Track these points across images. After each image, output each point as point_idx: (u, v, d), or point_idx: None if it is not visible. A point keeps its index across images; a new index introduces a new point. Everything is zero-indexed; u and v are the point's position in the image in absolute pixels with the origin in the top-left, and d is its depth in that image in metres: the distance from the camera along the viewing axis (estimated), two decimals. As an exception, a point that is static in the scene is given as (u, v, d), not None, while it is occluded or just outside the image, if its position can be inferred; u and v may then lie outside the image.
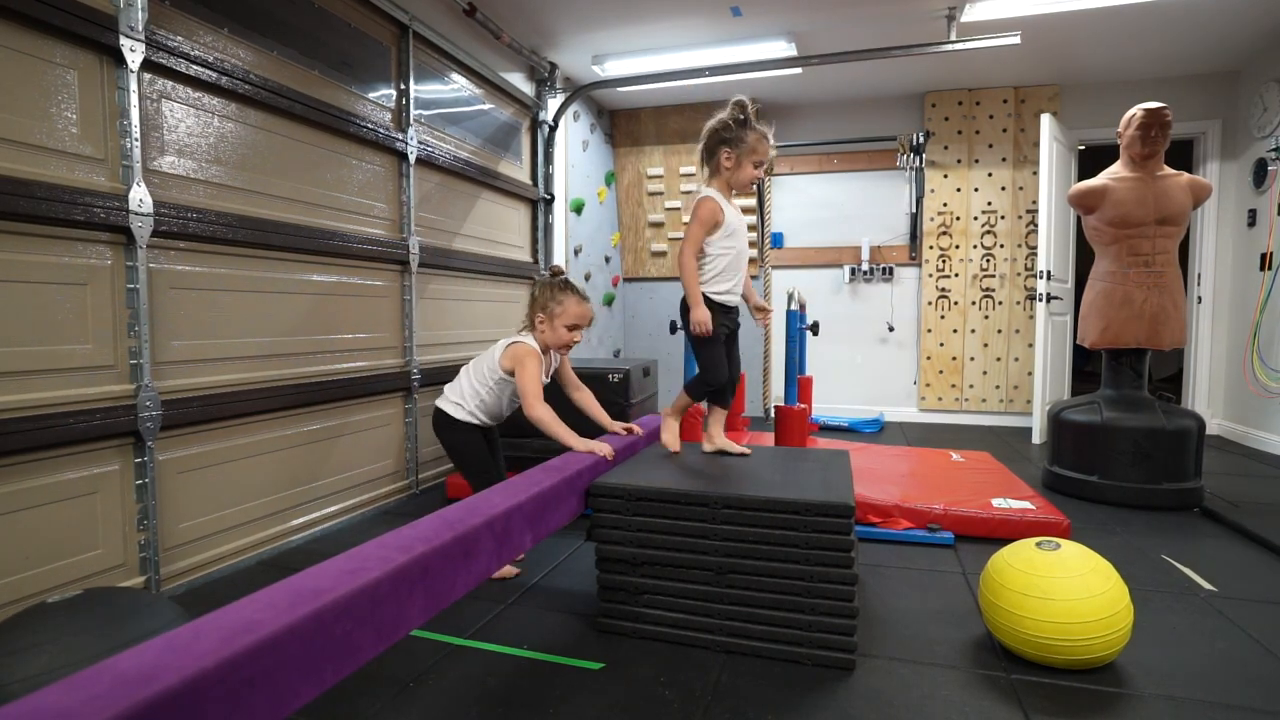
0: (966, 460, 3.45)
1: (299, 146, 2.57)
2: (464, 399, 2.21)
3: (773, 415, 3.09)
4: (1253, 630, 1.81)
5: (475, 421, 2.22)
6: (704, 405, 2.22)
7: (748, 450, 2.13)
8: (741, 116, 2.07)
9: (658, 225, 5.54)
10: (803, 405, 2.89)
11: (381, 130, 2.93)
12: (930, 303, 5.16)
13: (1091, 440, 3.02)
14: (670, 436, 2.15)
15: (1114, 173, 3.08)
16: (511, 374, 2.15)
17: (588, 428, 2.18)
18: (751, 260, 5.38)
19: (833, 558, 1.58)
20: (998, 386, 5.09)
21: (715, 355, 2.05)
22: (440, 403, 2.25)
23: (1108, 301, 3.07)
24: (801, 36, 3.97)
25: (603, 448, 1.96)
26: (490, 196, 3.88)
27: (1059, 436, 3.19)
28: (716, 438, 2.15)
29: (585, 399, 2.32)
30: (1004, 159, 4.96)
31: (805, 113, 5.35)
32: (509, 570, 2.19)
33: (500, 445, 2.37)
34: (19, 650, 1.16)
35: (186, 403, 2.10)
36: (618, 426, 2.28)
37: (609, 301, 5.43)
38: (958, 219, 5.07)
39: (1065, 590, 1.54)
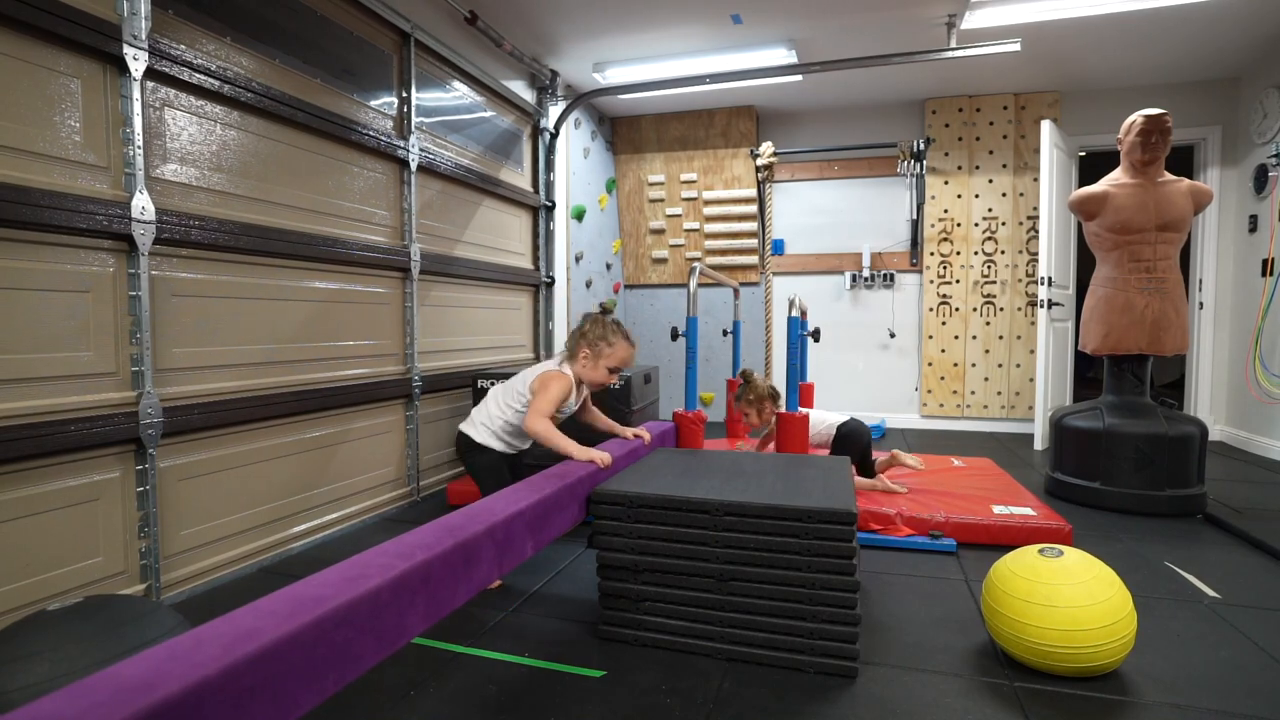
0: (968, 467, 3.44)
1: (301, 154, 2.58)
2: (489, 421, 2.19)
3: (774, 422, 3.10)
4: (1257, 637, 1.80)
5: (498, 447, 2.19)
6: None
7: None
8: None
9: (659, 232, 5.55)
10: (805, 411, 2.88)
11: (383, 137, 2.94)
12: (931, 309, 5.16)
13: (1094, 446, 3.01)
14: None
15: (1115, 179, 3.09)
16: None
17: (594, 437, 2.18)
18: (752, 267, 5.39)
19: (835, 565, 1.58)
20: (999, 393, 5.08)
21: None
22: (464, 426, 2.23)
23: (1109, 307, 3.07)
24: (802, 44, 3.99)
25: (603, 457, 1.95)
26: (491, 203, 3.89)
27: (1061, 442, 3.18)
28: None
29: (594, 417, 2.32)
30: (1005, 165, 4.97)
31: (806, 119, 5.36)
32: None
33: (523, 473, 2.32)
34: (19, 658, 1.16)
35: (188, 410, 2.10)
36: (628, 432, 2.29)
37: (610, 308, 5.44)
38: (959, 225, 5.07)
39: (1068, 597, 1.54)
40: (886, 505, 2.66)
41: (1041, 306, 4.23)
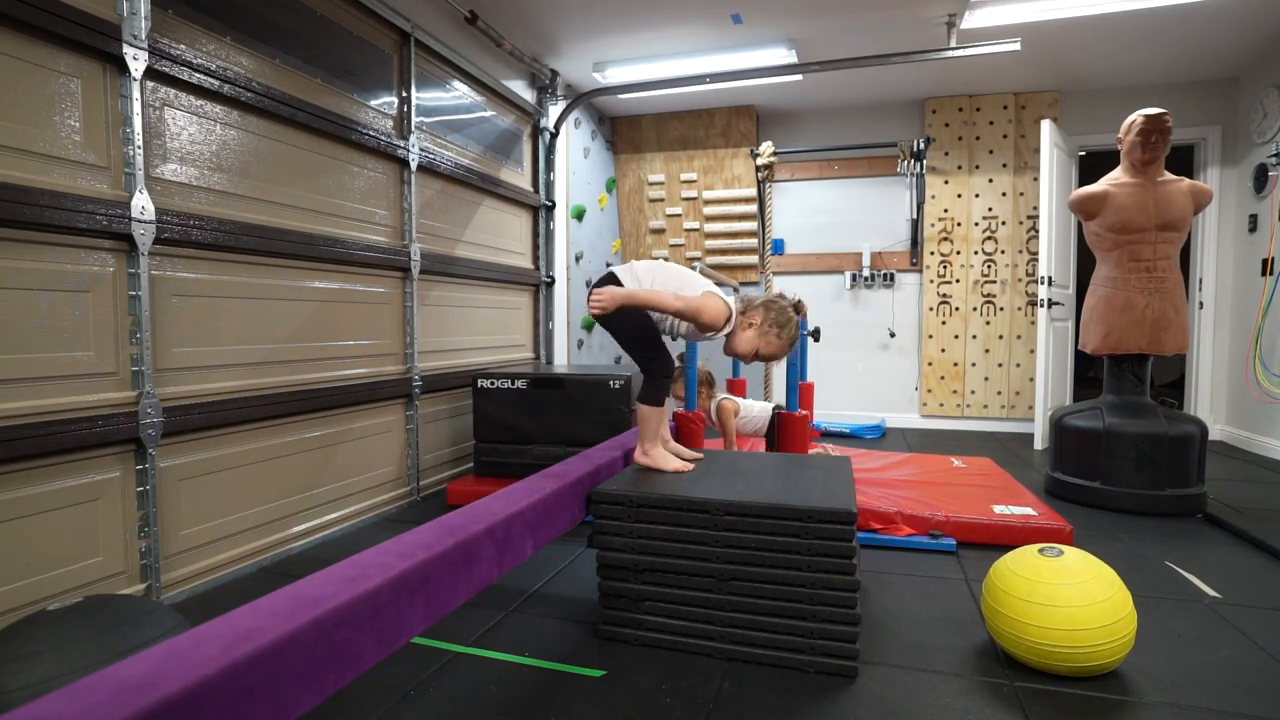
0: (968, 466, 3.44)
1: (301, 154, 2.58)
2: (642, 284, 1.94)
3: (713, 409, 3.19)
4: (1257, 637, 1.80)
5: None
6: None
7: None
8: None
9: (659, 231, 5.55)
10: (804, 411, 2.88)
11: (383, 137, 2.94)
12: (932, 309, 5.16)
13: (1094, 446, 3.01)
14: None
15: (1115, 178, 3.09)
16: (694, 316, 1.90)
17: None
18: (752, 267, 5.39)
19: (835, 564, 1.58)
20: (999, 392, 5.08)
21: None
22: (617, 269, 1.98)
23: (1109, 307, 3.06)
24: (802, 43, 3.99)
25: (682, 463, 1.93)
26: (491, 203, 3.89)
27: (1061, 442, 3.18)
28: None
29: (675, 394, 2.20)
30: (1005, 165, 4.97)
31: (806, 119, 5.36)
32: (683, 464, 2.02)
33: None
34: (19, 658, 1.15)
35: (188, 410, 2.10)
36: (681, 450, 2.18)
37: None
38: (959, 225, 5.07)
39: (1069, 597, 1.54)
40: (886, 504, 2.66)
41: (1041, 306, 4.23)
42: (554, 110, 4.45)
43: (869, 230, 5.31)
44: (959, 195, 5.06)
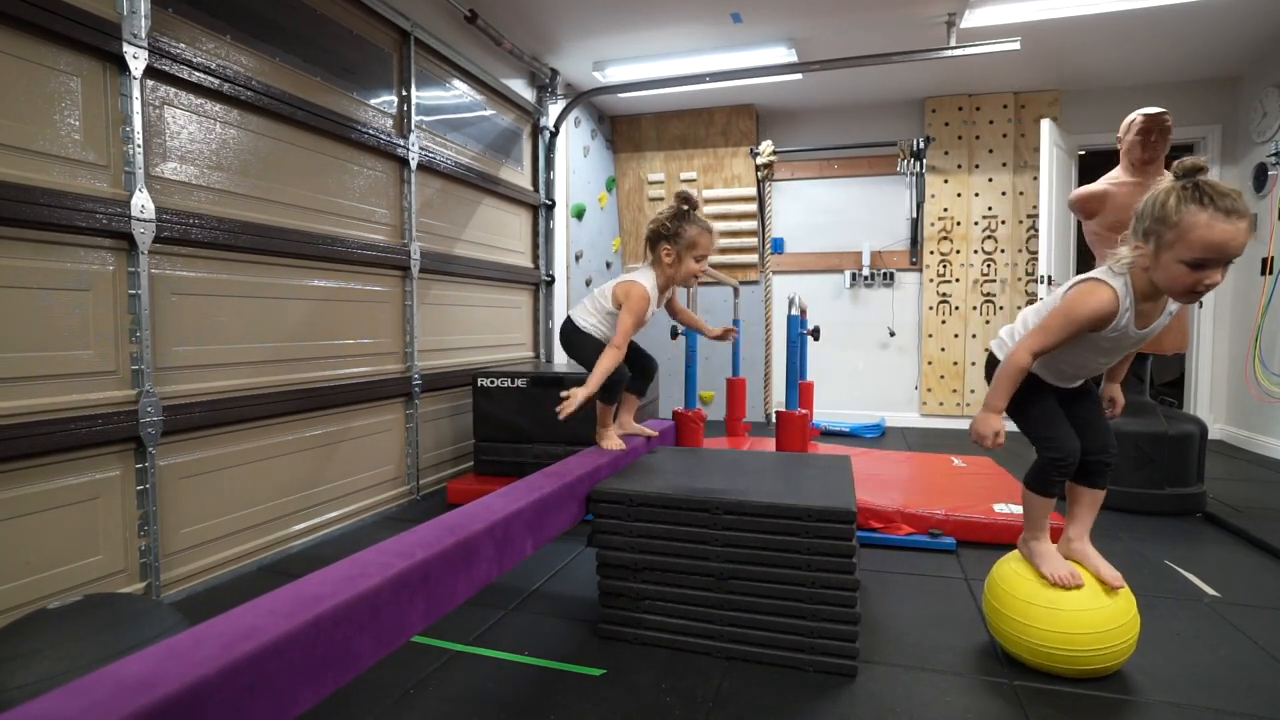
0: (968, 465, 3.44)
1: (301, 152, 2.57)
2: (588, 316, 2.19)
3: (774, 420, 3.11)
4: (1256, 636, 1.80)
5: (599, 336, 2.17)
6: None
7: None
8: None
9: (659, 230, 5.55)
10: (804, 410, 2.88)
11: (383, 136, 2.94)
12: (931, 308, 5.16)
13: (1093, 445, 3.01)
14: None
15: (1114, 178, 3.08)
16: (619, 308, 2.07)
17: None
18: (752, 266, 5.40)
19: (834, 563, 1.58)
20: (999, 391, 5.07)
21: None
22: (571, 313, 2.24)
23: (1109, 306, 3.06)
24: (802, 42, 3.99)
25: (618, 444, 2.05)
26: (491, 202, 3.88)
27: (1061, 441, 3.18)
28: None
29: (683, 315, 2.34)
30: (1004, 164, 4.97)
31: (806, 118, 5.36)
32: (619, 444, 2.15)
33: (642, 353, 2.32)
34: (19, 656, 1.15)
35: (188, 408, 2.10)
36: (710, 330, 2.36)
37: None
38: (958, 224, 5.07)
39: (1073, 600, 1.54)
40: (886, 502, 2.66)
41: (1041, 305, 4.22)
42: (554, 109, 4.45)
43: (869, 229, 5.31)
44: (959, 194, 5.06)
